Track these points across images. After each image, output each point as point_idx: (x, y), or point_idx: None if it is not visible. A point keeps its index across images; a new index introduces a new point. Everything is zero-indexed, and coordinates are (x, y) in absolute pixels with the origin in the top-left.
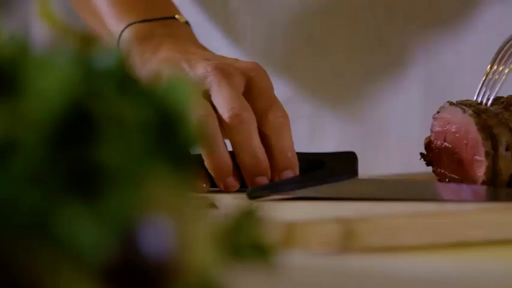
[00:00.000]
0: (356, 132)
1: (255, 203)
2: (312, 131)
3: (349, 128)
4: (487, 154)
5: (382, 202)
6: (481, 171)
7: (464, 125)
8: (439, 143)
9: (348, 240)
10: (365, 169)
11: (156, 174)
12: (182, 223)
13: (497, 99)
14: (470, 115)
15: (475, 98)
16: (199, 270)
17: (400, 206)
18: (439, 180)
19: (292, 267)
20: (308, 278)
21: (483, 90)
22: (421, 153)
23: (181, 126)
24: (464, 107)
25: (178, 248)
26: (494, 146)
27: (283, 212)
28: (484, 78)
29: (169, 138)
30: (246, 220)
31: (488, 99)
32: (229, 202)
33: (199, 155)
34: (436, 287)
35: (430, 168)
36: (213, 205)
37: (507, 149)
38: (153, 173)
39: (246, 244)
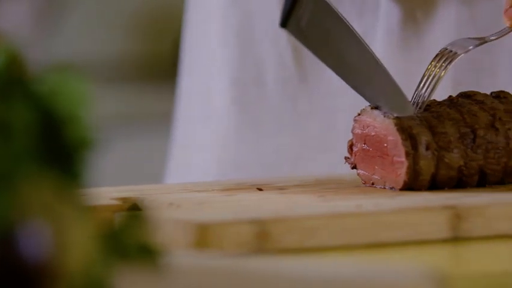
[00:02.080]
0: None
1: (146, 205)
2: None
3: None
4: (407, 154)
5: (300, 203)
6: (402, 172)
7: (384, 127)
8: (359, 145)
9: (262, 241)
10: None
11: (36, 176)
12: (61, 225)
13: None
14: (390, 118)
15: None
16: (81, 271)
17: (316, 207)
18: (364, 182)
19: (201, 268)
20: (214, 279)
21: (419, 91)
22: (345, 157)
23: (68, 129)
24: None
25: (55, 250)
26: (414, 146)
27: (198, 212)
28: (421, 79)
29: (54, 140)
30: (133, 221)
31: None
32: (153, 204)
33: None
34: None
35: None
36: (136, 206)
37: (427, 148)
38: (32, 176)
39: (133, 245)
